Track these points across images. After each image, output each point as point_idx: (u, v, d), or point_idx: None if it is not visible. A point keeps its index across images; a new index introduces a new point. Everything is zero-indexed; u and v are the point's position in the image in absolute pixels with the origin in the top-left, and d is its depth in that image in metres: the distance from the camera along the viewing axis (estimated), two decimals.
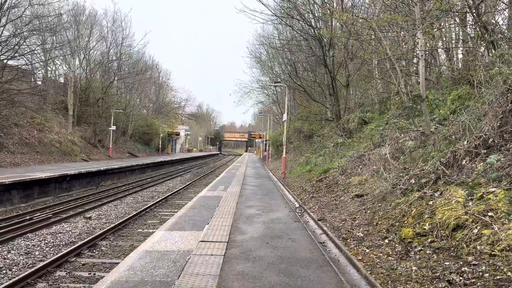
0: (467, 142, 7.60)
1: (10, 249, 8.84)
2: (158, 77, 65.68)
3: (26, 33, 24.80)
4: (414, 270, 5.09)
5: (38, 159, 25.20)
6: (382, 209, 8.16)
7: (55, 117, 32.37)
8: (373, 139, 14.49)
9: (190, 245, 6.69)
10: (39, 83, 33.40)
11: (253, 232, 7.75)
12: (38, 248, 9.08)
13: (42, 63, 32.02)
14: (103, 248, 9.18)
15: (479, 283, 4.27)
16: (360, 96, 24.99)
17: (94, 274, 7.26)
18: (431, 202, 6.74)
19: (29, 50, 26.19)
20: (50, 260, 7.67)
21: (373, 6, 19.59)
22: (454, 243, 5.42)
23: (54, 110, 33.27)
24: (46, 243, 9.49)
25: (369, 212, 8.53)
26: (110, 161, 33.19)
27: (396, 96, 16.02)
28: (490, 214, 5.40)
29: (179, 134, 75.82)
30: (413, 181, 8.09)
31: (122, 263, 5.73)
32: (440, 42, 14.94)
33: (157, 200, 16.51)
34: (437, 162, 7.90)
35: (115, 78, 42.29)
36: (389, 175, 9.66)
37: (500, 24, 11.18)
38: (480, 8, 10.19)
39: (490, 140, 7.11)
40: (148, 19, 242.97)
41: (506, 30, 10.64)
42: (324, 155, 19.98)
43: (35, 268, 7.18)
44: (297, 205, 11.85)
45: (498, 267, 4.43)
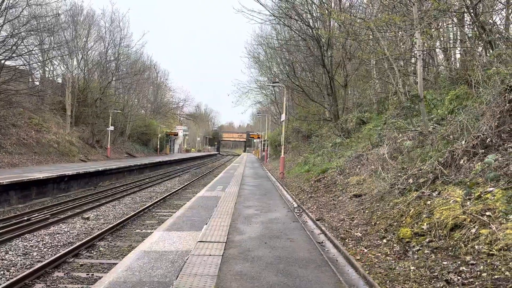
0: (465, 141, 7.62)
1: (8, 250, 8.82)
2: (156, 77, 65.73)
3: (23, 33, 24.77)
4: (412, 270, 5.10)
5: (36, 160, 25.14)
6: (380, 209, 8.17)
7: (53, 117, 32.30)
8: (371, 139, 14.51)
9: (188, 245, 6.68)
10: (37, 84, 33.31)
11: (251, 232, 7.74)
12: (36, 249, 9.06)
13: (40, 64, 31.97)
14: (101, 248, 9.17)
15: (477, 283, 4.28)
16: (358, 96, 25.03)
17: (92, 274, 7.25)
18: (429, 202, 6.75)
19: (27, 51, 26.19)
20: (48, 260, 7.66)
21: (371, 6, 19.62)
22: (452, 243, 5.43)
23: (52, 110, 33.21)
24: (44, 244, 9.47)
25: (367, 212, 8.54)
26: (108, 161, 33.14)
27: (394, 96, 16.06)
28: (488, 213, 5.41)
29: (177, 135, 75.78)
30: (411, 181, 8.10)
31: (120, 264, 5.72)
32: (438, 42, 14.97)
33: (155, 200, 16.49)
34: (435, 161, 7.91)
35: (113, 79, 42.28)
36: (387, 175, 9.67)
37: (497, 24, 11.22)
38: (477, 8, 10.21)
39: (488, 139, 7.13)
40: (146, 20, 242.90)
41: (504, 30, 10.68)
42: (322, 155, 20.00)
43: (33, 269, 7.16)
44: (295, 205, 11.85)
45: (496, 267, 4.44)
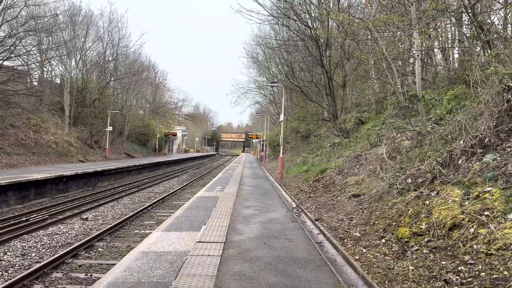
0: (463, 141, 7.63)
1: (6, 250, 8.80)
2: (155, 77, 65.66)
3: (22, 33, 24.73)
4: (411, 270, 5.10)
5: (34, 160, 25.09)
6: (379, 208, 8.18)
7: (51, 118, 32.23)
8: (369, 139, 14.51)
9: (187, 245, 6.68)
10: (35, 84, 33.28)
11: (250, 232, 7.74)
12: (35, 249, 9.04)
13: (38, 64, 31.92)
14: (100, 249, 9.15)
15: (476, 282, 4.28)
16: (356, 96, 25.04)
17: (91, 275, 7.23)
18: (428, 202, 6.75)
19: (25, 51, 26.15)
20: (47, 261, 7.64)
21: (369, 6, 19.62)
22: (450, 243, 5.43)
23: (51, 111, 33.16)
24: (43, 245, 9.45)
25: (366, 212, 8.55)
26: (106, 162, 33.09)
27: (392, 96, 16.07)
28: (486, 213, 5.42)
29: (176, 135, 75.75)
30: (409, 180, 8.11)
31: (118, 264, 5.71)
32: (436, 42, 14.99)
33: (154, 201, 16.47)
34: (433, 161, 7.92)
35: (112, 79, 42.22)
36: (385, 175, 9.68)
37: (495, 24, 11.24)
38: (475, 8, 10.23)
39: (486, 139, 7.13)
40: (144, 20, 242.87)
41: (502, 29, 10.70)
42: (321, 155, 20.01)
43: (32, 269, 7.14)
44: (294, 205, 11.85)
45: (494, 266, 4.44)
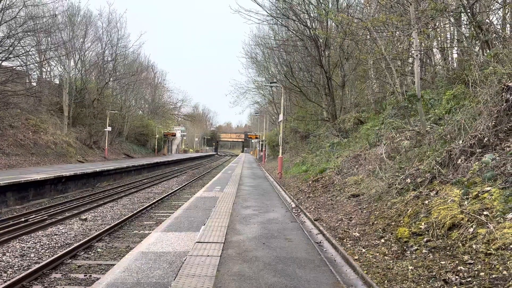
0: (462, 141, 7.63)
1: (5, 251, 8.78)
2: (154, 77, 65.55)
3: (20, 34, 24.68)
4: (410, 270, 5.10)
5: (33, 161, 25.06)
6: (378, 208, 8.18)
7: (50, 118, 32.19)
8: (369, 139, 14.52)
9: (186, 246, 6.67)
10: (34, 85, 33.22)
11: (249, 232, 7.74)
12: (34, 250, 9.02)
13: (36, 64, 31.88)
14: (99, 249, 9.14)
15: (475, 282, 4.28)
16: (356, 96, 25.04)
17: (90, 276, 7.22)
18: (427, 202, 6.76)
19: (23, 51, 26.13)
20: (46, 262, 7.62)
21: (368, 6, 19.61)
22: (450, 242, 5.43)
23: (49, 111, 33.10)
24: (42, 245, 9.43)
25: (365, 211, 8.55)
26: (105, 162, 33.06)
27: (391, 96, 16.09)
28: (485, 213, 5.42)
29: (175, 135, 75.70)
30: (408, 180, 8.11)
31: (118, 265, 5.70)
32: (435, 42, 14.99)
33: (153, 201, 16.46)
34: (432, 161, 7.93)
35: (111, 79, 42.18)
36: (385, 175, 9.68)
37: (494, 23, 11.25)
38: (474, 7, 10.24)
39: (485, 139, 7.14)
40: (143, 20, 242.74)
41: (501, 29, 10.71)
42: (320, 155, 20.02)
43: (31, 270, 7.13)
44: (293, 205, 11.85)
45: (493, 266, 4.44)
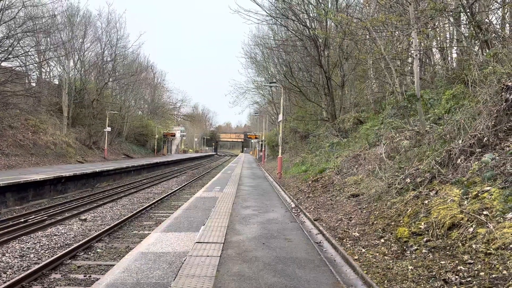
0: (462, 141, 7.64)
1: (4, 252, 8.77)
2: (153, 78, 65.56)
3: (20, 34, 24.67)
4: (410, 269, 5.10)
5: (33, 161, 25.04)
6: (378, 208, 8.18)
7: (50, 118, 32.17)
8: (368, 139, 14.52)
9: (186, 246, 6.67)
10: (33, 85, 33.20)
11: (249, 232, 7.73)
12: (33, 250, 9.01)
13: (36, 65, 31.88)
14: (99, 250, 9.13)
15: (475, 282, 4.28)
16: (355, 96, 25.03)
17: (90, 276, 7.21)
18: (427, 201, 6.75)
19: (23, 52, 26.08)
20: (45, 262, 7.61)
21: (367, 6, 19.62)
22: (449, 242, 5.43)
23: (49, 111, 33.09)
24: (41, 246, 9.42)
25: (365, 211, 8.55)
26: (105, 162, 33.04)
27: (391, 95, 16.08)
28: (485, 212, 5.42)
29: (175, 135, 75.68)
30: (408, 180, 8.11)
31: (117, 265, 5.70)
32: (434, 42, 14.99)
33: (153, 201, 16.45)
34: (432, 161, 7.93)
35: (110, 79, 42.16)
36: (384, 175, 9.68)
37: (494, 23, 11.25)
38: (474, 7, 10.25)
39: (485, 139, 7.14)
40: (143, 20, 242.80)
41: (500, 29, 10.71)
42: (319, 155, 20.02)
43: (30, 271, 7.12)
44: (293, 205, 11.85)
45: (493, 266, 4.44)
